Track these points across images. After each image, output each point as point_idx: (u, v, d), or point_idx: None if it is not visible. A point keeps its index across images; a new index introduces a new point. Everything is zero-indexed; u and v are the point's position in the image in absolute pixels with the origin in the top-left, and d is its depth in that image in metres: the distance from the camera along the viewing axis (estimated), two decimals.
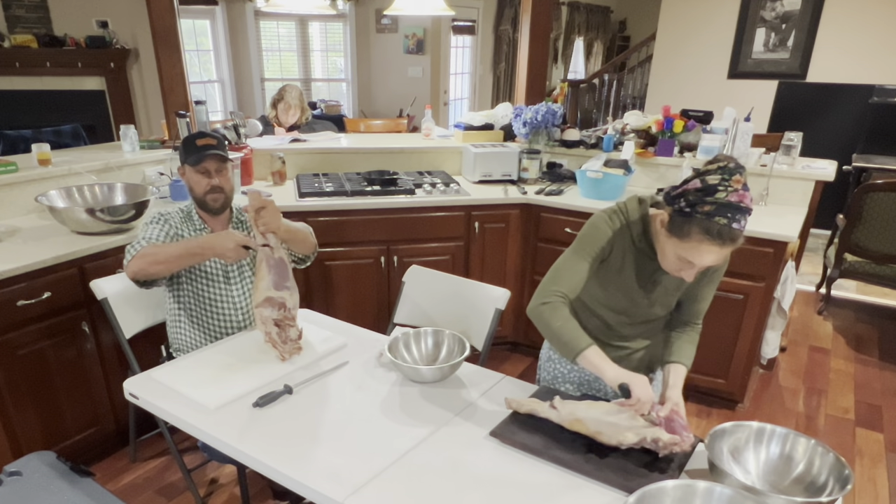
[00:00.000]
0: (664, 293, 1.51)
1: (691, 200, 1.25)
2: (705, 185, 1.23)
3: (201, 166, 1.89)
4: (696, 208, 1.24)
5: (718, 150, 2.99)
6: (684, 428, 1.30)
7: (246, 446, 1.32)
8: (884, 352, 3.49)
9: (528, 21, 3.50)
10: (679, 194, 1.28)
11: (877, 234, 3.52)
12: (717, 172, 1.23)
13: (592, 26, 9.40)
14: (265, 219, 1.66)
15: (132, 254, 1.76)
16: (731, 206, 1.21)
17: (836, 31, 5.04)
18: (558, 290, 1.44)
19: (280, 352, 1.66)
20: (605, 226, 1.45)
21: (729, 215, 1.21)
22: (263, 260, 1.66)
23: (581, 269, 1.46)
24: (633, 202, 1.47)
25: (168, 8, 2.91)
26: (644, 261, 1.46)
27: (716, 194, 1.22)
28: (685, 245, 1.28)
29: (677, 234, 1.29)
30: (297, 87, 4.08)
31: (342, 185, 3.01)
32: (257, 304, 1.64)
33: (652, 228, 1.41)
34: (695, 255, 1.28)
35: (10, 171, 2.55)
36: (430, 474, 1.25)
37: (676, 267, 1.35)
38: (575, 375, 1.72)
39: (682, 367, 1.49)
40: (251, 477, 2.19)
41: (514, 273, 3.18)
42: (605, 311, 1.56)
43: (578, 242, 1.48)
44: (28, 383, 2.13)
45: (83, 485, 1.48)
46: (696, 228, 1.24)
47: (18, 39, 5.14)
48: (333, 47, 7.25)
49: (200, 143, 1.91)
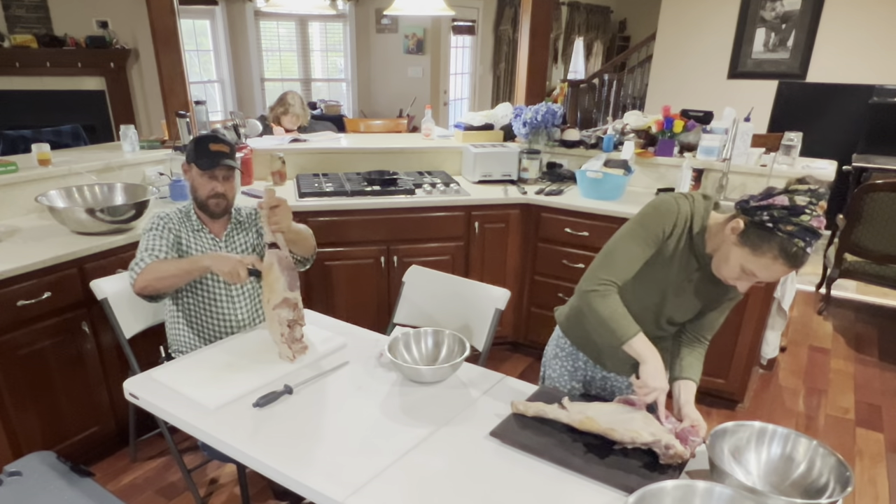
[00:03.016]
0: (695, 298, 1.49)
1: (776, 216, 1.22)
2: (793, 205, 1.22)
3: (211, 172, 1.89)
4: (779, 226, 1.22)
5: (718, 151, 2.99)
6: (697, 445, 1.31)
7: (246, 446, 1.32)
8: (884, 352, 3.49)
9: (528, 21, 3.50)
10: (762, 206, 1.25)
11: (877, 234, 3.52)
12: (807, 194, 1.22)
13: (592, 26, 9.40)
14: (277, 217, 1.65)
15: (137, 271, 1.77)
16: (811, 231, 1.20)
17: (836, 31, 5.04)
18: (608, 279, 1.42)
19: (293, 351, 1.67)
20: (672, 210, 1.41)
21: (807, 239, 1.21)
22: (275, 261, 1.65)
23: (636, 254, 1.42)
24: (699, 196, 1.44)
25: (168, 8, 2.90)
26: (690, 258, 1.44)
27: (801, 216, 1.20)
28: (757, 259, 1.27)
29: (751, 245, 1.27)
30: (298, 95, 4.06)
31: (342, 185, 3.00)
32: (275, 305, 1.63)
33: (712, 231, 1.38)
34: (762, 270, 1.27)
35: (10, 171, 2.55)
36: (430, 474, 1.25)
37: (735, 275, 1.33)
38: (580, 374, 1.72)
39: (692, 383, 1.49)
40: (251, 477, 2.19)
41: (514, 273, 3.18)
42: (634, 304, 1.50)
43: (639, 226, 1.43)
44: (28, 383, 2.13)
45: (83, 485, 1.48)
46: (776, 245, 1.23)
47: (18, 39, 5.14)
48: (333, 47, 7.25)
49: (214, 149, 1.89)
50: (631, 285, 1.48)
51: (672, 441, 1.26)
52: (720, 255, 1.35)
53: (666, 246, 1.43)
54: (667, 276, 1.46)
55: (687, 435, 1.32)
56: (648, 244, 1.42)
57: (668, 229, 1.41)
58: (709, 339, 1.58)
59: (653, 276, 1.47)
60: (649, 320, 1.53)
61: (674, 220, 1.40)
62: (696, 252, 1.43)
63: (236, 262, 1.67)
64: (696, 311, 1.53)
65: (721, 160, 2.99)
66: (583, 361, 1.71)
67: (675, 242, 1.42)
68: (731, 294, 1.50)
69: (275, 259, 1.65)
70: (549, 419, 1.40)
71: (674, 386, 1.49)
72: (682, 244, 1.43)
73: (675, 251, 1.43)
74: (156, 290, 1.80)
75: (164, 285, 1.80)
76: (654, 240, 1.41)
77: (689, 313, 1.53)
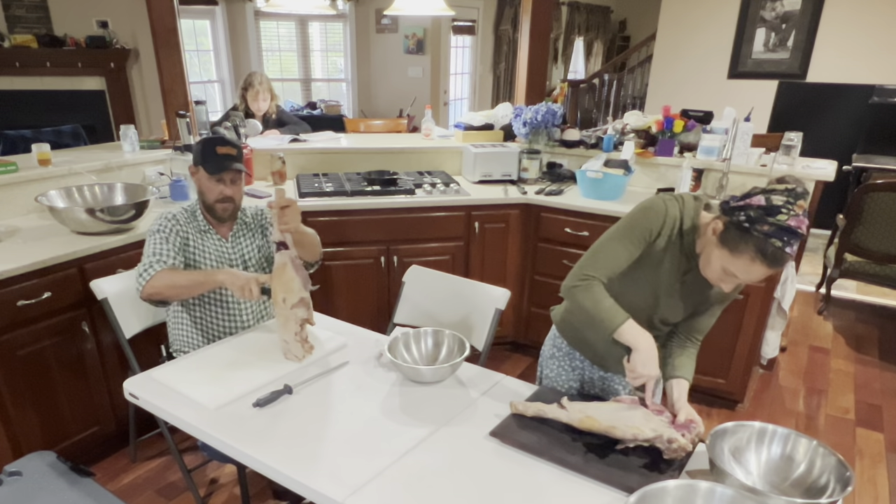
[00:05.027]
0: (687, 298, 1.49)
1: (752, 216, 1.22)
2: (769, 205, 1.21)
3: (219, 175, 1.89)
4: (755, 226, 1.22)
5: (718, 151, 2.99)
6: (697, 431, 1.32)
7: (245, 446, 1.32)
8: (884, 352, 3.49)
9: (528, 21, 3.50)
10: (740, 207, 1.26)
11: (877, 234, 3.52)
12: (784, 194, 1.22)
13: (592, 26, 9.40)
14: (287, 217, 1.65)
15: (146, 277, 1.78)
16: (788, 231, 1.20)
17: (836, 31, 5.04)
18: (591, 274, 1.42)
19: (304, 351, 1.67)
20: (661, 211, 1.41)
21: (785, 238, 1.20)
22: (288, 262, 1.65)
23: (622, 254, 1.42)
24: (689, 197, 1.44)
25: (168, 8, 2.90)
26: (681, 258, 1.44)
27: (778, 215, 1.20)
28: (735, 260, 1.27)
29: (729, 246, 1.27)
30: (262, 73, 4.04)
31: (342, 185, 3.00)
32: (293, 304, 1.64)
33: (701, 232, 1.39)
34: (742, 271, 1.27)
35: (10, 171, 2.55)
36: (430, 474, 1.25)
37: (718, 276, 1.33)
38: (577, 373, 1.72)
39: (685, 381, 1.49)
40: (251, 477, 2.19)
41: (514, 273, 3.18)
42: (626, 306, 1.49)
43: (626, 226, 1.44)
44: (28, 383, 2.13)
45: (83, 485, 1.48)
46: (752, 246, 1.23)
47: (18, 39, 5.14)
48: (333, 47, 7.25)
49: (221, 152, 1.88)
50: (622, 287, 1.49)
51: (674, 435, 1.26)
52: (704, 256, 1.37)
53: (654, 247, 1.43)
54: (657, 278, 1.46)
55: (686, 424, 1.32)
56: (635, 244, 1.42)
57: (655, 230, 1.41)
58: (700, 339, 1.58)
59: (643, 278, 1.47)
60: (643, 321, 1.53)
61: (661, 222, 1.41)
62: (687, 253, 1.43)
63: (250, 279, 1.68)
64: (690, 312, 1.54)
65: (721, 160, 2.99)
66: (580, 361, 1.71)
67: (665, 243, 1.43)
68: (723, 295, 1.50)
69: (287, 259, 1.65)
70: (551, 419, 1.39)
71: (666, 385, 1.50)
72: (671, 245, 1.43)
73: (665, 252, 1.44)
74: (165, 297, 1.82)
75: (174, 294, 1.82)
76: (641, 240, 1.42)
77: (682, 313, 1.53)
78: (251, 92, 3.90)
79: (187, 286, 1.79)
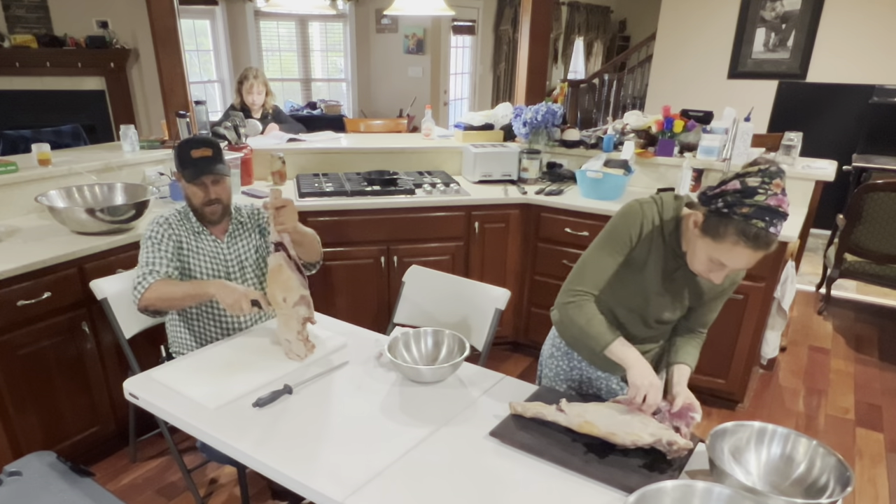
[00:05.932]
0: (679, 295, 1.50)
1: (729, 201, 1.23)
2: (745, 187, 1.21)
3: (198, 180, 1.86)
4: (734, 209, 1.22)
5: (718, 151, 2.99)
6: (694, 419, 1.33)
7: (246, 446, 1.32)
8: (884, 352, 3.49)
9: (528, 21, 3.50)
10: (717, 194, 1.26)
11: (877, 234, 3.52)
12: (758, 175, 1.22)
13: (592, 26, 9.40)
14: (283, 217, 1.65)
15: (140, 291, 1.77)
16: (769, 210, 1.20)
17: (836, 31, 5.04)
18: (582, 289, 1.45)
19: (306, 349, 1.67)
20: (637, 215, 1.42)
21: (767, 218, 1.20)
22: (283, 262, 1.65)
23: (607, 264, 1.45)
24: (669, 197, 1.45)
25: (168, 8, 2.90)
26: (669, 258, 1.45)
27: (755, 196, 1.20)
28: (719, 246, 1.27)
29: (712, 234, 1.27)
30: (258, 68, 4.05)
31: (342, 185, 3.00)
32: (295, 302, 1.64)
33: (683, 227, 1.40)
34: (727, 257, 1.27)
35: (10, 171, 2.55)
36: (430, 474, 1.25)
37: (705, 268, 1.34)
38: (576, 374, 1.72)
39: (686, 367, 1.50)
40: (251, 477, 2.19)
41: (514, 273, 3.18)
42: (618, 307, 1.53)
43: (607, 235, 1.46)
44: (28, 383, 2.13)
45: (83, 485, 1.48)
46: (733, 230, 1.23)
47: (18, 39, 5.14)
48: (333, 47, 7.25)
49: (197, 155, 1.84)
50: (613, 291, 1.51)
51: (673, 437, 1.27)
52: (690, 251, 1.37)
53: (637, 250, 1.45)
54: (645, 279, 1.47)
55: (686, 412, 1.33)
56: (617, 251, 1.45)
57: (634, 234, 1.43)
58: (704, 331, 1.59)
59: (632, 280, 1.48)
60: (637, 322, 1.55)
61: (639, 224, 1.42)
62: (673, 252, 1.44)
63: (241, 294, 1.68)
64: (685, 308, 1.54)
65: (721, 160, 2.99)
66: (578, 361, 1.71)
67: (647, 245, 1.44)
68: (718, 289, 1.50)
69: (281, 260, 1.65)
70: (550, 421, 1.39)
71: (668, 370, 1.51)
72: (654, 246, 1.44)
73: (649, 254, 1.45)
74: (159, 308, 1.83)
75: (168, 306, 1.83)
76: (623, 246, 1.44)
77: (677, 311, 1.53)
78: (246, 85, 3.93)
79: (180, 298, 1.78)
